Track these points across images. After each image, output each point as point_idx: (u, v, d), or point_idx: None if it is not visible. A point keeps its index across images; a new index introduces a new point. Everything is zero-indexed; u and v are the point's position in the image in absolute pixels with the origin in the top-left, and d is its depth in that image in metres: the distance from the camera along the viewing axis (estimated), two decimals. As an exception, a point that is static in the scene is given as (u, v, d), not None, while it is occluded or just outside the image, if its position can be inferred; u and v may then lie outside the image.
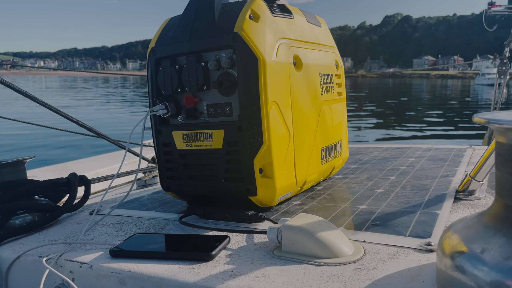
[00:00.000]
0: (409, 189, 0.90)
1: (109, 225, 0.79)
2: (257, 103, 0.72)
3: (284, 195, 0.80)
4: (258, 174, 0.74)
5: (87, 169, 1.99)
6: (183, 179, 0.82)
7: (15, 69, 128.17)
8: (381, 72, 17.70)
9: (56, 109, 1.22)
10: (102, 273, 0.59)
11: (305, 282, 0.51)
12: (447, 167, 1.10)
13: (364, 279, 0.51)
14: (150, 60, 0.82)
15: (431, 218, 0.70)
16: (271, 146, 0.73)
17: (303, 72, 0.83)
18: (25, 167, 0.88)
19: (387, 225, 0.68)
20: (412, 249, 0.59)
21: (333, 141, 0.97)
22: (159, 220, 0.80)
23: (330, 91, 0.95)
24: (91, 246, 0.68)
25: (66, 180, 0.91)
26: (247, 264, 0.57)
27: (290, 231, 0.59)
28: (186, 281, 0.53)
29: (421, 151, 1.40)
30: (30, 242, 0.73)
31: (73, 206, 0.88)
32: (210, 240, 0.64)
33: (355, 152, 1.48)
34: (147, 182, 1.19)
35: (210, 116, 0.78)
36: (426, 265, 0.54)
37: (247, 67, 0.71)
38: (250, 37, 0.71)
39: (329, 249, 0.57)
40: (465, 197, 0.82)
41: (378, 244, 0.61)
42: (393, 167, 1.14)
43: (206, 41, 0.75)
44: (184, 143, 0.80)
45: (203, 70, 0.76)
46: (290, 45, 0.79)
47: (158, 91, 0.82)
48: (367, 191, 0.90)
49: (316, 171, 0.90)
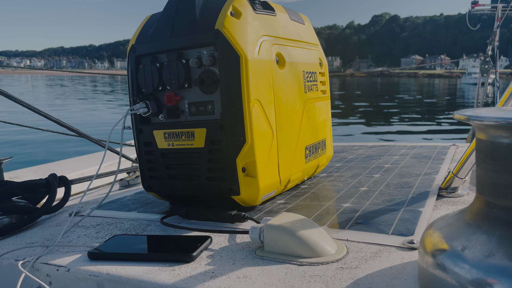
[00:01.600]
0: (393, 186, 0.90)
1: (89, 227, 0.77)
2: (239, 101, 0.71)
3: (267, 194, 0.79)
4: (241, 173, 0.73)
5: (71, 169, 1.95)
6: (165, 179, 0.81)
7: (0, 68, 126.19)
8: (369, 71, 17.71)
9: (36, 109, 1.20)
10: (79, 276, 0.57)
11: (287, 282, 0.50)
12: (431, 165, 1.10)
13: (347, 278, 0.50)
14: (130, 57, 0.81)
15: (414, 216, 0.70)
16: (254, 145, 0.72)
17: (286, 69, 0.82)
18: (2, 168, 0.85)
19: (371, 223, 0.68)
20: (395, 247, 0.58)
21: (318, 139, 0.97)
22: (141, 221, 0.79)
23: (314, 89, 0.95)
24: (69, 248, 0.66)
25: (45, 181, 0.89)
26: (228, 264, 0.56)
27: (272, 231, 0.58)
28: (166, 283, 0.52)
29: (406, 149, 1.41)
30: (6, 245, 0.71)
31: (52, 207, 0.86)
32: (191, 241, 0.63)
33: (340, 150, 1.48)
34: (130, 182, 1.17)
35: (192, 115, 0.77)
36: (409, 263, 0.53)
37: (228, 64, 0.70)
38: (232, 34, 0.70)
39: (311, 249, 0.56)
40: (448, 194, 0.82)
41: (361, 243, 0.61)
42: (377, 165, 1.15)
43: (187, 38, 0.74)
44: (166, 142, 0.79)
45: (184, 68, 0.75)
46: (272, 42, 0.79)
47: (139, 89, 0.80)
48: (351, 189, 0.90)
49: (300, 169, 0.89)
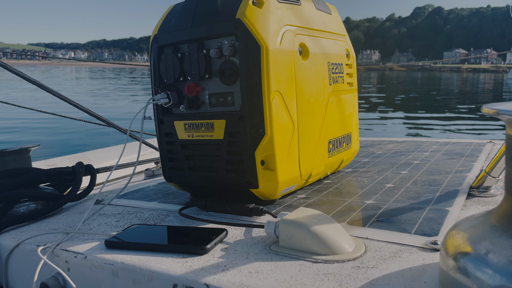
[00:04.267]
0: (420, 184, 0.86)
1: (110, 215, 0.78)
2: (259, 93, 0.69)
3: (287, 188, 0.77)
4: (260, 166, 0.72)
5: (105, 159, 2.00)
6: (185, 170, 0.80)
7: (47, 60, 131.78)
8: (409, 64, 17.18)
9: (67, 98, 1.23)
10: (95, 264, 0.58)
11: (299, 279, 0.48)
12: (463, 162, 1.05)
13: (362, 278, 0.48)
14: (152, 47, 0.81)
15: (440, 215, 0.66)
16: (274, 138, 0.71)
17: (310, 60, 0.80)
18: (30, 155, 0.88)
19: (393, 221, 0.65)
20: (416, 248, 0.55)
21: (342, 133, 0.94)
22: (160, 211, 0.79)
23: (340, 81, 0.92)
24: (89, 236, 0.67)
25: (72, 168, 0.91)
26: (241, 259, 0.55)
27: (287, 226, 0.57)
28: (177, 274, 0.51)
29: (438, 145, 1.35)
30: (31, 230, 0.73)
31: (77, 195, 0.88)
32: (206, 233, 0.62)
33: (369, 145, 1.44)
34: (154, 172, 1.18)
35: (212, 106, 0.76)
36: (430, 265, 0.50)
37: (249, 55, 0.69)
38: (253, 24, 0.69)
39: (327, 246, 0.54)
40: (479, 193, 0.78)
41: (381, 242, 0.58)
42: (406, 161, 1.10)
43: (208, 28, 0.73)
44: (186, 133, 0.78)
45: (204, 58, 0.74)
46: (296, 32, 0.76)
47: (161, 79, 0.80)
48: (376, 185, 0.87)
49: (323, 164, 0.87)
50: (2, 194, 0.77)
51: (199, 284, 0.49)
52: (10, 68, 1.11)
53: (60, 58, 2.69)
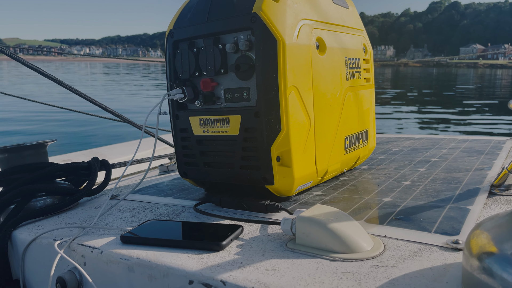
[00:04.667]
0: (439, 182, 0.84)
1: (125, 210, 0.79)
2: (275, 88, 0.68)
3: (303, 185, 0.76)
4: (276, 163, 0.71)
5: (120, 154, 2.02)
6: (200, 166, 0.80)
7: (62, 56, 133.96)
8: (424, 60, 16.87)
9: (82, 93, 1.23)
10: (111, 259, 0.58)
11: (317, 278, 0.47)
12: (483, 160, 1.03)
13: (381, 278, 0.47)
14: (168, 42, 0.80)
15: (461, 214, 0.64)
16: (290, 133, 0.70)
17: (327, 55, 0.79)
18: (47, 150, 0.89)
19: (412, 219, 0.63)
20: (437, 247, 0.54)
21: (359, 129, 0.93)
22: (175, 206, 0.79)
23: (357, 76, 0.90)
24: (105, 231, 0.67)
25: (87, 163, 0.92)
26: (257, 256, 0.54)
27: (305, 223, 0.56)
28: (192, 270, 0.51)
29: (456, 142, 1.32)
30: (47, 224, 0.73)
31: (92, 190, 0.88)
32: (222, 229, 0.62)
33: (385, 141, 1.42)
34: (169, 168, 1.18)
35: (228, 101, 0.75)
36: (452, 265, 0.49)
37: (265, 49, 0.68)
38: (269, 18, 0.68)
39: (345, 244, 0.53)
40: (501, 192, 0.76)
41: (400, 240, 0.57)
42: (423, 159, 1.08)
43: (224, 22, 0.72)
44: (201, 128, 0.78)
45: (220, 53, 0.73)
46: (313, 26, 0.75)
47: (176, 74, 0.80)
48: (393, 183, 0.85)
49: (339, 160, 0.86)
50: (20, 189, 0.77)
51: (215, 281, 0.49)
52: (26, 63, 1.12)
53: (75, 54, 2.71)
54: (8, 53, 1.12)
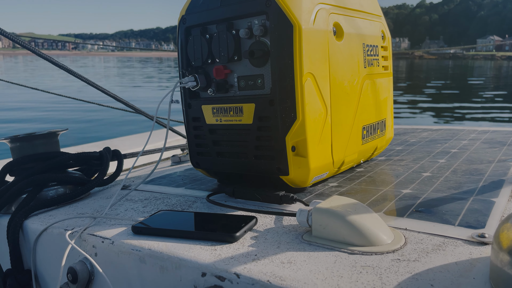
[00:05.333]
0: (461, 173, 0.81)
1: (137, 201, 0.77)
2: (291, 75, 0.66)
3: (319, 176, 0.74)
4: (291, 152, 0.68)
5: (133, 145, 2.01)
6: (213, 156, 0.78)
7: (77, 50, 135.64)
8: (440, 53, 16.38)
9: (95, 84, 1.22)
10: (123, 249, 0.57)
11: (335, 271, 0.45)
12: (506, 151, 0.99)
13: (403, 272, 0.44)
14: (180, 29, 0.78)
15: (486, 207, 0.61)
16: (305, 122, 0.67)
17: (344, 41, 0.76)
18: (58, 140, 0.88)
19: (433, 212, 0.61)
20: (461, 241, 0.51)
21: (377, 119, 0.90)
22: (187, 197, 0.77)
23: (375, 64, 0.87)
24: (116, 221, 0.66)
25: (99, 153, 0.90)
26: (272, 248, 0.52)
27: (322, 215, 0.53)
28: (206, 262, 0.49)
29: (476, 133, 1.28)
30: (59, 214, 0.73)
31: (104, 180, 0.87)
32: (235, 221, 0.60)
33: (402, 132, 1.38)
34: (181, 158, 1.17)
35: (241, 89, 0.73)
36: (478, 260, 0.46)
37: (280, 34, 0.65)
38: (285, 2, 0.65)
39: (364, 236, 0.51)
40: None
41: (421, 233, 0.54)
42: (443, 150, 1.05)
43: (238, 6, 0.70)
44: (214, 117, 0.76)
45: (234, 39, 0.71)
46: (330, 11, 0.72)
47: (188, 62, 0.78)
48: (412, 174, 0.82)
49: (356, 151, 0.83)
50: (31, 178, 0.77)
51: (229, 274, 0.47)
52: (42, 54, 1.12)
53: (92, 43, 2.72)
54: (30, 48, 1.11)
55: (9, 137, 0.82)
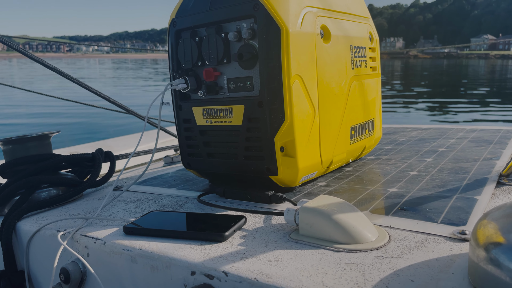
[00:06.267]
0: (446, 172, 0.83)
1: (129, 202, 0.78)
2: (279, 77, 0.67)
3: (307, 176, 0.75)
4: (279, 153, 0.70)
5: (126, 146, 2.02)
6: (203, 157, 0.79)
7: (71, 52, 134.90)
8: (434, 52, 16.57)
9: (86, 85, 1.23)
10: (114, 249, 0.58)
11: (320, 268, 0.47)
12: (492, 150, 1.01)
13: (386, 268, 0.46)
14: (170, 32, 0.79)
15: (468, 204, 0.63)
16: (294, 123, 0.69)
17: (332, 44, 0.77)
18: (50, 142, 0.89)
19: (418, 210, 0.62)
20: (443, 237, 0.53)
21: (365, 119, 0.91)
22: (179, 197, 0.79)
23: (363, 65, 0.89)
24: (108, 222, 0.67)
25: (91, 155, 0.91)
26: (260, 246, 0.54)
27: (308, 214, 0.55)
28: (195, 261, 0.51)
29: (464, 132, 1.30)
30: (51, 215, 0.73)
31: (97, 181, 0.88)
32: (225, 220, 0.61)
33: (392, 132, 1.40)
34: (174, 159, 1.18)
35: (231, 91, 0.74)
36: (458, 256, 0.48)
37: (268, 37, 0.67)
38: (273, 6, 0.66)
39: (349, 234, 0.52)
40: (509, 182, 0.74)
41: (405, 231, 0.56)
42: (431, 149, 1.07)
43: (227, 10, 0.71)
44: (204, 119, 0.77)
45: (223, 42, 0.72)
46: (317, 14, 0.74)
47: (179, 64, 0.79)
48: (399, 173, 0.84)
49: (344, 150, 0.84)
50: (24, 180, 0.77)
51: (217, 272, 0.48)
52: (34, 57, 1.12)
53: (87, 45, 2.71)
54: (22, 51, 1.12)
55: (1, 139, 0.83)
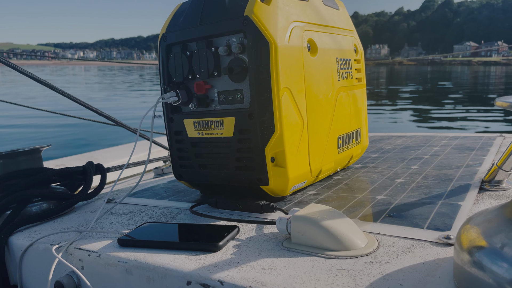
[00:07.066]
0: (431, 179, 0.86)
1: (121, 214, 0.79)
2: (268, 90, 0.69)
3: (297, 185, 0.77)
4: (270, 163, 0.72)
5: (114, 158, 2.01)
6: (195, 168, 0.81)
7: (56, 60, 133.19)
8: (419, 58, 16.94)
9: (76, 98, 1.23)
10: (109, 262, 0.58)
11: (313, 275, 0.48)
12: (474, 156, 1.04)
13: (375, 274, 0.48)
14: (161, 46, 0.81)
15: (453, 210, 0.66)
16: (283, 134, 0.71)
17: (318, 57, 0.80)
18: (41, 156, 0.89)
19: (405, 216, 0.65)
20: (429, 243, 0.55)
21: (351, 129, 0.94)
22: (171, 209, 0.80)
23: (348, 76, 0.91)
24: (102, 234, 0.68)
25: (82, 168, 0.92)
26: (254, 255, 0.55)
27: (299, 222, 0.57)
28: (191, 271, 0.52)
29: (447, 139, 1.34)
30: (44, 229, 0.74)
31: (88, 194, 0.89)
32: (218, 230, 0.63)
33: (378, 140, 1.43)
34: (164, 170, 1.19)
35: (221, 104, 0.76)
36: (444, 260, 0.50)
37: (258, 51, 0.69)
38: (261, 21, 0.69)
39: (340, 241, 0.54)
40: (491, 187, 0.77)
41: (393, 237, 0.58)
42: (416, 156, 1.10)
43: (217, 25, 0.73)
44: (196, 131, 0.79)
45: (213, 56, 0.74)
46: (304, 28, 0.76)
47: (170, 78, 0.81)
48: (386, 181, 0.87)
49: (333, 160, 0.87)
50: (15, 194, 0.78)
51: (212, 281, 0.49)
52: (19, 68, 1.12)
53: (71, 58, 2.71)
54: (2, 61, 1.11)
55: None
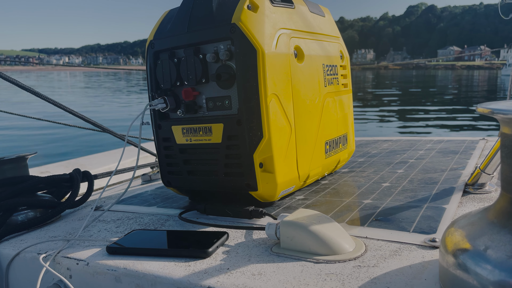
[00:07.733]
0: (417, 182, 0.87)
1: (109, 221, 0.79)
2: (256, 96, 0.70)
3: (286, 190, 0.78)
4: (258, 169, 0.72)
5: (100, 164, 1.99)
6: (184, 174, 0.81)
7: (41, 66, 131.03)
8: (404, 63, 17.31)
9: (61, 104, 1.22)
10: (98, 270, 0.58)
11: (302, 280, 0.49)
12: (458, 160, 1.06)
13: (363, 277, 0.49)
14: (149, 53, 0.81)
15: (438, 213, 0.67)
16: (271, 140, 0.71)
17: (305, 63, 0.81)
18: (27, 164, 0.88)
19: (391, 220, 0.66)
20: (415, 246, 0.56)
21: (338, 134, 0.95)
22: (160, 216, 0.80)
23: (335, 82, 0.93)
24: (90, 242, 0.67)
25: (69, 175, 0.91)
26: (244, 261, 0.55)
27: (288, 227, 0.57)
28: (181, 278, 0.52)
29: (432, 143, 1.37)
30: (30, 238, 0.73)
31: (75, 202, 0.88)
32: (207, 237, 0.63)
33: (364, 145, 1.45)
34: (152, 177, 1.18)
35: (210, 110, 0.76)
36: (430, 263, 0.51)
37: (245, 59, 0.70)
38: (249, 28, 0.69)
39: (328, 246, 0.55)
40: (475, 190, 0.79)
41: (380, 240, 0.59)
42: (401, 160, 1.12)
43: (204, 33, 0.74)
44: (184, 137, 0.79)
45: (201, 63, 0.74)
46: (291, 35, 0.77)
47: (157, 85, 0.81)
48: (373, 185, 0.88)
49: (320, 165, 0.88)
50: (0, 203, 0.76)
51: (202, 287, 0.49)
52: (2, 75, 1.11)
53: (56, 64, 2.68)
54: None
55: None
